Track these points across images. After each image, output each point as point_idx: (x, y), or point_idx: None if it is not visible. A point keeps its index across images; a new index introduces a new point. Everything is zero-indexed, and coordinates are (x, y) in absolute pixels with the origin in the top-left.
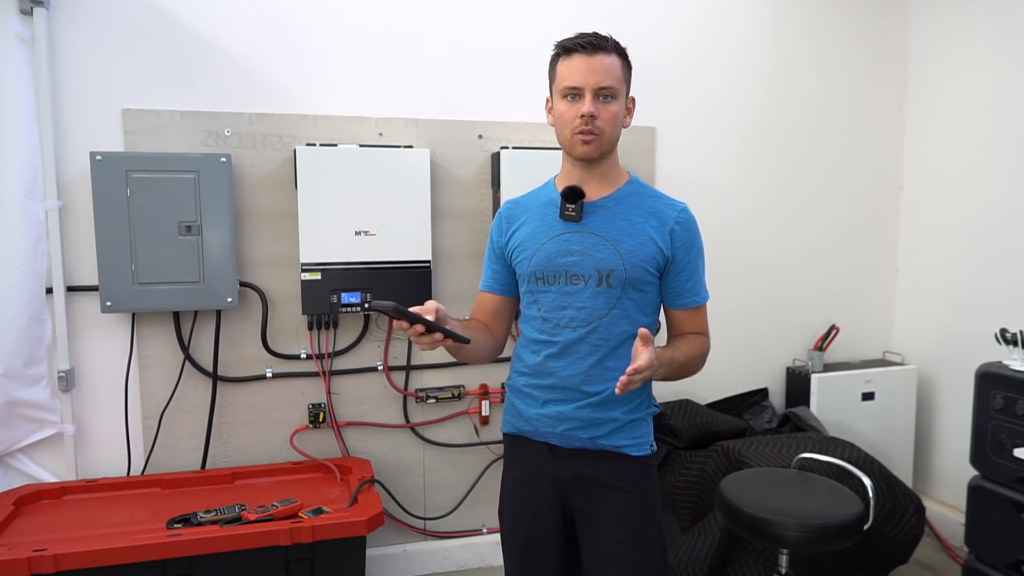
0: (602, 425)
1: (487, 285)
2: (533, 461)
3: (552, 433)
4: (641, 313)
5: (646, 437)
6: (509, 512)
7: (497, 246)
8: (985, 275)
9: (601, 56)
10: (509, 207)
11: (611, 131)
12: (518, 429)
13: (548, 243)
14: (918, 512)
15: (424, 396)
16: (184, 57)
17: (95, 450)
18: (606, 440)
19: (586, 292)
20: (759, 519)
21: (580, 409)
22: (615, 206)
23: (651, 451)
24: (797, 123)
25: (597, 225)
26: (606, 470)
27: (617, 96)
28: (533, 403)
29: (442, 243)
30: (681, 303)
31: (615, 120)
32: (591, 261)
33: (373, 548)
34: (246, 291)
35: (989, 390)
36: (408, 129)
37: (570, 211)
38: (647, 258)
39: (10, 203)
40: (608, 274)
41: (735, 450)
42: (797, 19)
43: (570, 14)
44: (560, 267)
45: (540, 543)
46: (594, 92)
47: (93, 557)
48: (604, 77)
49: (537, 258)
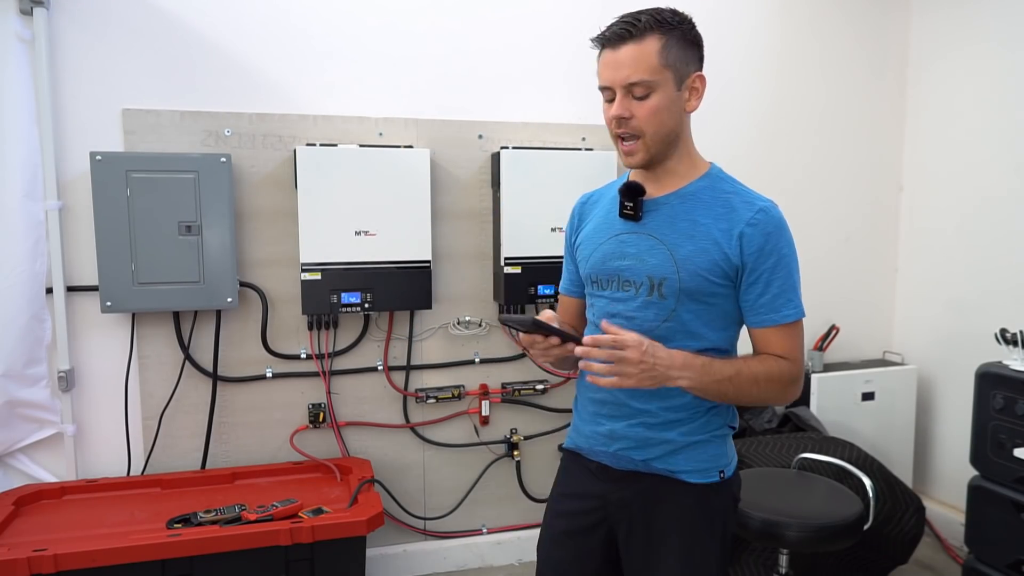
0: (657, 446)
1: (565, 288)
2: (583, 479)
3: (605, 452)
4: (705, 327)
5: (714, 462)
6: (549, 528)
7: (569, 244)
8: (985, 275)
9: (629, 46)
10: (581, 201)
11: (654, 129)
12: (576, 445)
13: (605, 243)
14: (918, 512)
15: (424, 396)
16: (184, 57)
17: (95, 450)
18: (661, 463)
19: (636, 301)
20: (759, 519)
21: (633, 427)
22: (681, 204)
23: (719, 479)
24: (797, 123)
25: (656, 226)
26: (656, 497)
27: (655, 87)
28: (589, 418)
29: (442, 243)
30: (758, 319)
31: (656, 115)
32: (643, 266)
33: (373, 548)
34: (246, 291)
35: (989, 390)
36: (408, 129)
37: (628, 209)
38: (709, 265)
39: (10, 203)
40: (661, 282)
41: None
42: (797, 19)
43: (569, 12)
44: (613, 271)
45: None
46: (623, 89)
47: (93, 557)
48: (632, 71)
49: (594, 259)
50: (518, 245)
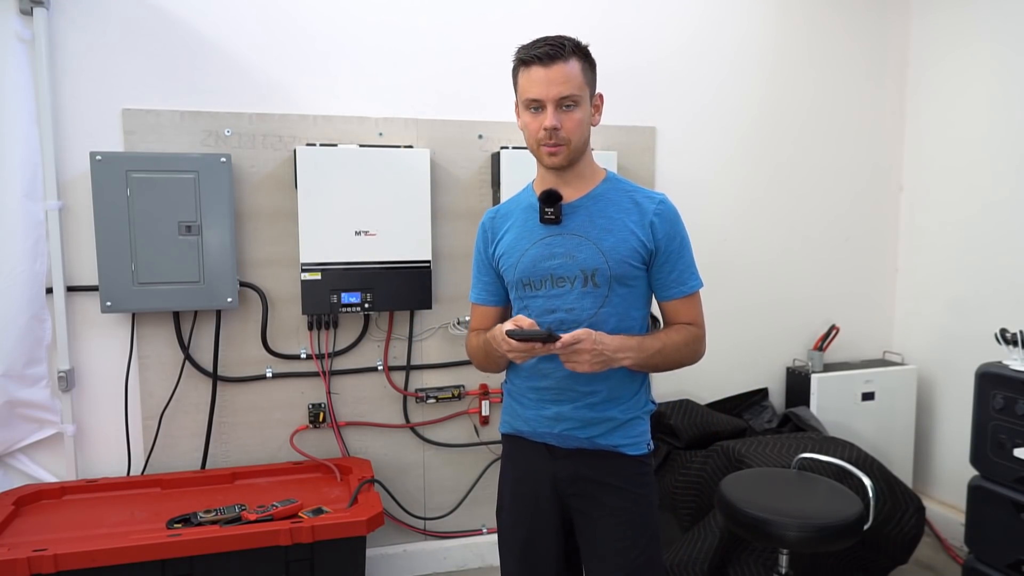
0: (600, 424)
1: (481, 297)
2: (531, 462)
3: (550, 433)
4: (631, 307)
5: (643, 436)
6: (508, 513)
7: (485, 257)
8: (985, 275)
9: (559, 65)
10: (491, 216)
11: (577, 138)
12: (516, 430)
13: (531, 248)
14: (918, 512)
15: (424, 396)
16: (184, 57)
17: (95, 450)
18: (604, 439)
19: (573, 294)
20: (759, 519)
21: (578, 409)
22: (593, 204)
23: (648, 450)
24: (797, 123)
25: (577, 226)
26: (604, 469)
27: (580, 102)
28: (530, 404)
29: (442, 243)
30: (669, 293)
31: (580, 127)
32: (575, 262)
33: (373, 548)
34: (246, 291)
35: (989, 390)
36: (408, 129)
37: (549, 215)
38: (630, 252)
39: (10, 203)
40: (593, 273)
41: (735, 450)
42: (797, 19)
43: (569, 11)
44: (545, 271)
45: (539, 543)
46: (555, 103)
47: (93, 557)
48: (564, 87)
49: (522, 264)
50: None
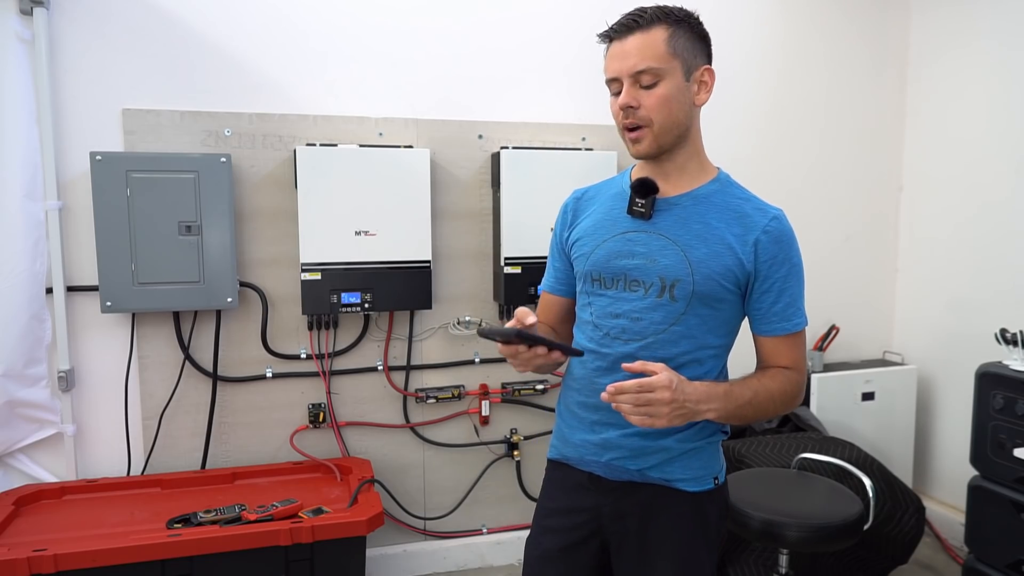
0: (653, 455)
1: (550, 286)
2: (573, 493)
3: (597, 462)
4: (710, 333)
5: (708, 469)
6: (537, 546)
7: (560, 240)
8: (985, 275)
9: (636, 36)
10: (576, 196)
11: (663, 118)
12: (563, 455)
13: (610, 240)
14: (918, 512)
15: (424, 396)
16: (184, 57)
17: (95, 450)
18: (657, 472)
19: (644, 301)
20: (759, 519)
21: (629, 437)
22: (693, 206)
23: (714, 486)
24: (797, 122)
25: (667, 226)
26: (653, 507)
27: (664, 76)
28: (579, 426)
29: (442, 243)
30: (769, 328)
31: (665, 104)
32: (655, 267)
33: (373, 548)
34: (246, 291)
35: (989, 390)
36: (408, 129)
37: (639, 207)
38: (722, 270)
39: (10, 203)
40: (673, 284)
41: (735, 450)
42: (797, 18)
43: (569, 12)
44: (619, 270)
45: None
46: (631, 79)
47: (93, 557)
48: (639, 60)
49: (596, 256)
50: (518, 245)
